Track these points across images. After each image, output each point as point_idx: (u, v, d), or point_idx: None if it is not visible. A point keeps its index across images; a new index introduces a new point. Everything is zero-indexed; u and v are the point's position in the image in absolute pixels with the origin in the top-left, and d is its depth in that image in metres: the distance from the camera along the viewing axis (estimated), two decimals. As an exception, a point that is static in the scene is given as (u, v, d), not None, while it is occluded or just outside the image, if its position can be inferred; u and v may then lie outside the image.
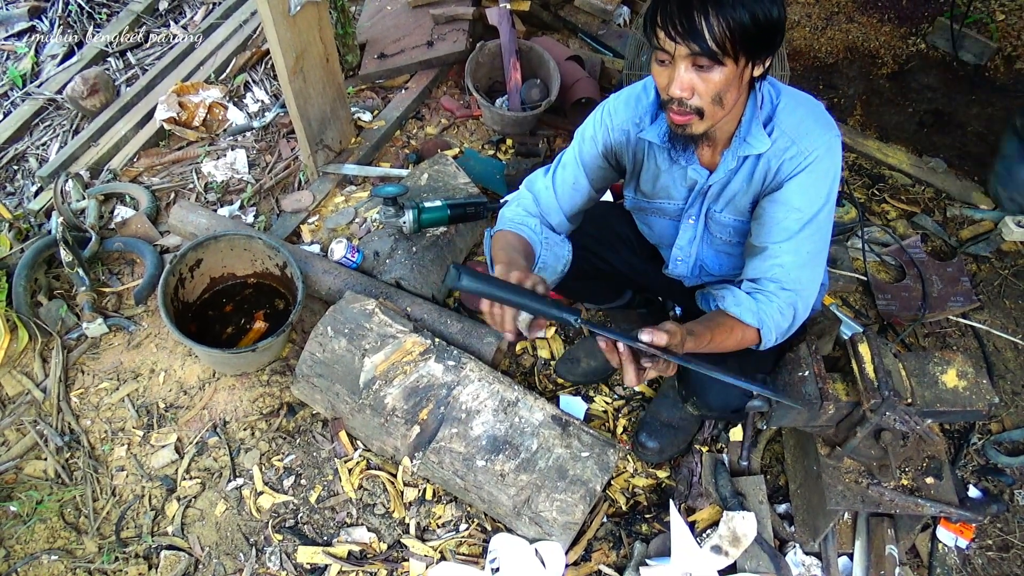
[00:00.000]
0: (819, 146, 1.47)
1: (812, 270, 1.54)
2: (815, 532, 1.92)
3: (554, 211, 1.74)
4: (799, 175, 1.48)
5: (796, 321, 1.56)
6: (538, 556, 1.90)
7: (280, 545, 1.98)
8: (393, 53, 3.19)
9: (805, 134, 1.47)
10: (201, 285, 2.36)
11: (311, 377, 2.07)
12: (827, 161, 1.48)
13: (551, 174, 1.74)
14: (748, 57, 1.35)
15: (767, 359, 1.76)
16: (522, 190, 1.77)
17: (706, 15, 1.28)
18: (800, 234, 1.50)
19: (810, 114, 1.50)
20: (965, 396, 1.64)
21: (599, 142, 1.70)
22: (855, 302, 2.57)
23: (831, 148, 1.49)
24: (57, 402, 2.23)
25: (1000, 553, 2.02)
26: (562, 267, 1.77)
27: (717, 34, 1.29)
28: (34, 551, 1.97)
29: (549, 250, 1.72)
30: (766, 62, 1.40)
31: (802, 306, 1.55)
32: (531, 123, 2.96)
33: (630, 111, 1.65)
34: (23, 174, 2.96)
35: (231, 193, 2.81)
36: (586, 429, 1.97)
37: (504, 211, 1.74)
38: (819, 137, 1.48)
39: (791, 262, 1.51)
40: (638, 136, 1.65)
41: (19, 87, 3.25)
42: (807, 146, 1.47)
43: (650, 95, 1.64)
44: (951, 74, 3.37)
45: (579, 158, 1.72)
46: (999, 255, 2.70)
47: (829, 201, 1.51)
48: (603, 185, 1.77)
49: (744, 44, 1.32)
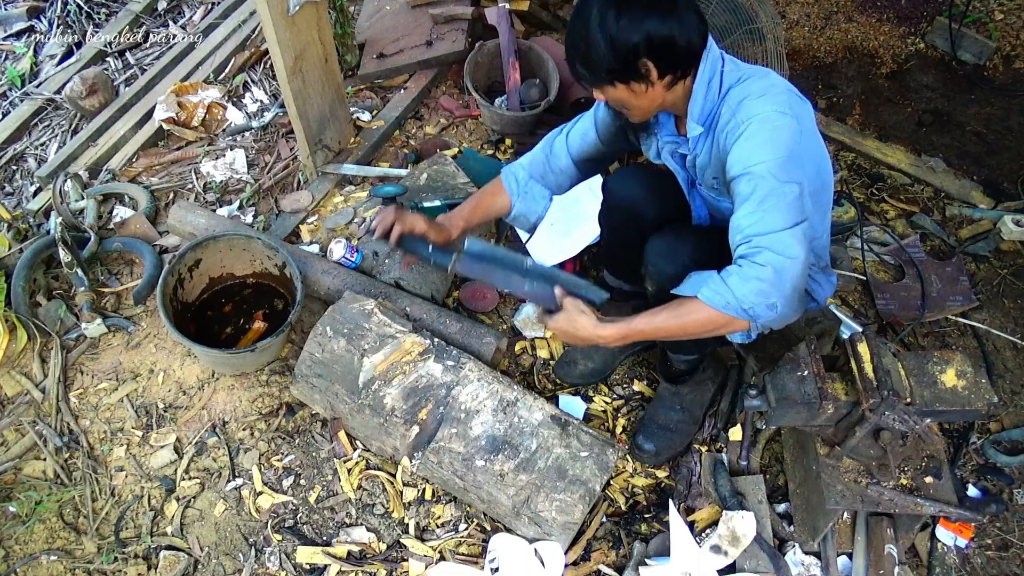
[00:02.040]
0: (755, 113, 1.50)
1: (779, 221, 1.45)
2: (814, 532, 1.92)
3: (562, 154, 1.95)
4: (739, 140, 1.51)
5: (783, 281, 1.45)
6: (537, 556, 1.90)
7: (279, 545, 1.98)
8: (392, 53, 3.19)
9: (743, 107, 1.53)
10: (200, 285, 2.36)
11: (310, 377, 2.07)
12: (762, 124, 1.49)
13: (570, 124, 1.95)
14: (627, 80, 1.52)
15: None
16: (536, 145, 2.01)
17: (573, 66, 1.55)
18: (758, 195, 1.46)
19: (757, 90, 1.54)
20: (964, 395, 1.64)
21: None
22: (854, 302, 2.57)
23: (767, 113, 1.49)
24: (56, 402, 2.23)
25: (999, 552, 2.02)
26: (535, 219, 2.03)
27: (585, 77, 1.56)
28: (33, 551, 1.97)
29: (524, 201, 2.00)
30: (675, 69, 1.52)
31: (780, 262, 1.44)
32: (530, 123, 2.96)
33: None
34: (22, 174, 2.96)
35: (230, 193, 2.81)
36: (585, 429, 1.97)
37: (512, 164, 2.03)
38: (757, 106, 1.51)
39: (750, 224, 1.47)
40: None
41: (18, 87, 3.25)
42: (743, 116, 1.52)
43: None
44: (950, 73, 3.37)
45: (595, 111, 1.89)
46: (998, 254, 2.70)
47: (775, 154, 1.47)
48: (611, 140, 1.90)
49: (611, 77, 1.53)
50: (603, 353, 2.31)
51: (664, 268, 1.75)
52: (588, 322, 1.65)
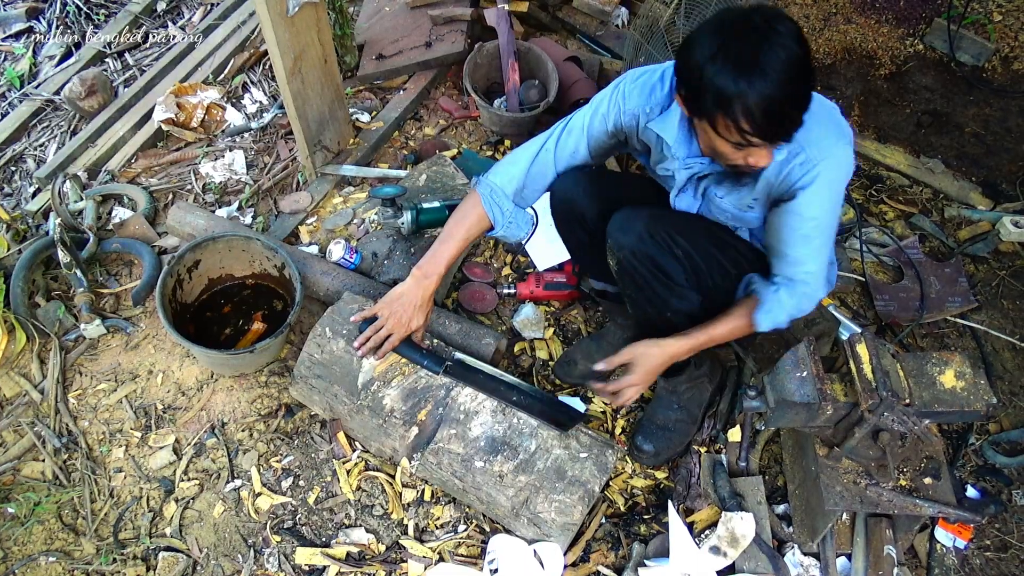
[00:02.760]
0: (827, 154, 1.55)
1: (825, 258, 1.72)
2: (813, 533, 1.92)
3: (548, 172, 1.89)
4: (811, 186, 1.57)
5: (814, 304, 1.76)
6: (537, 557, 1.90)
7: (278, 546, 1.97)
8: (391, 54, 3.19)
9: (814, 142, 1.55)
10: (199, 286, 2.36)
11: (309, 378, 2.07)
12: (835, 168, 1.57)
13: (555, 137, 1.86)
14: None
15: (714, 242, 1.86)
16: (521, 152, 1.89)
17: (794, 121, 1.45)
18: (817, 239, 1.66)
19: (820, 122, 1.55)
20: (963, 396, 1.64)
21: (609, 120, 1.81)
22: (853, 303, 2.57)
23: (838, 154, 1.57)
24: (55, 403, 2.23)
25: (998, 553, 2.02)
26: (524, 234, 1.97)
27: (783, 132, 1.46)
28: (32, 553, 1.97)
29: (509, 229, 1.93)
30: None
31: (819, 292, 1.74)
32: (529, 124, 2.96)
33: (643, 99, 1.74)
34: (21, 175, 2.96)
35: (229, 194, 2.81)
36: (584, 430, 1.97)
37: (494, 174, 1.89)
38: (828, 145, 1.56)
39: (815, 265, 1.69)
40: (646, 124, 1.74)
41: (17, 88, 3.25)
42: (815, 154, 1.55)
43: (665, 87, 1.71)
44: (949, 75, 3.38)
45: (587, 129, 1.83)
46: (997, 256, 2.70)
47: (838, 202, 1.67)
48: (602, 155, 1.90)
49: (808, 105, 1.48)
50: (603, 353, 2.31)
51: (620, 240, 1.78)
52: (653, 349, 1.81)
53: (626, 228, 1.77)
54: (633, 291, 1.85)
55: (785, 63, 1.36)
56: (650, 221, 1.75)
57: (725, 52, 1.38)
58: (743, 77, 1.37)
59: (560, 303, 2.54)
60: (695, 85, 1.44)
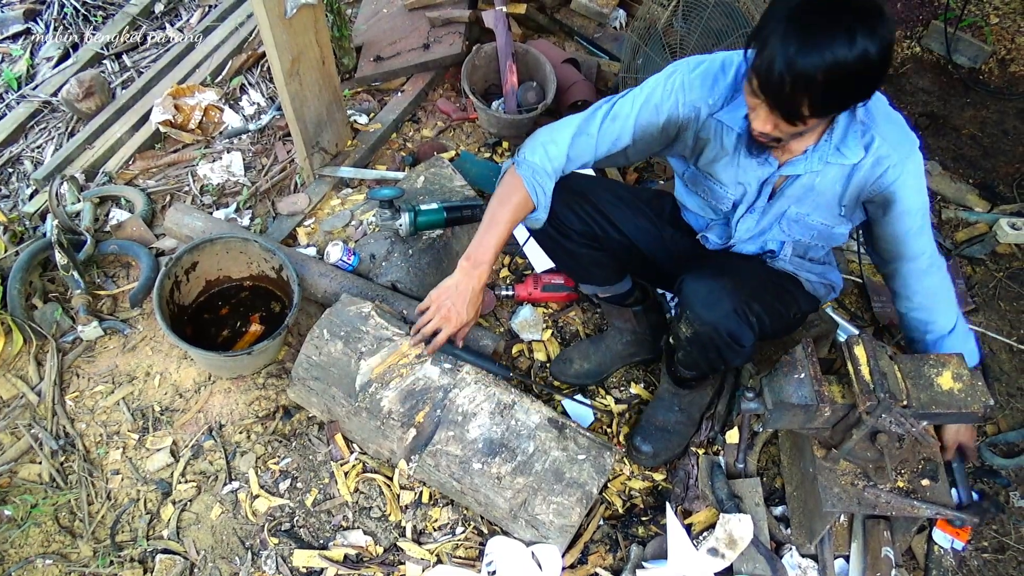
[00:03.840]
0: (911, 150, 1.62)
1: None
2: (811, 534, 1.92)
3: (587, 156, 1.76)
4: (907, 180, 1.62)
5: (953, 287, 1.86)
6: (535, 559, 1.89)
7: (276, 548, 1.97)
8: (389, 56, 3.19)
9: (899, 143, 1.61)
10: (197, 288, 2.36)
11: (307, 380, 2.07)
12: (918, 162, 1.65)
13: (598, 122, 1.72)
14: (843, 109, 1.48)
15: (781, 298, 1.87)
16: (559, 132, 1.75)
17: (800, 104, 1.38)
18: (926, 224, 1.72)
19: (896, 123, 1.63)
20: (960, 398, 1.64)
21: (663, 112, 1.69)
22: (851, 304, 2.58)
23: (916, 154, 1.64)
24: (52, 405, 2.22)
25: (996, 555, 2.02)
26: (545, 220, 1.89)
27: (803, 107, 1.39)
28: (28, 555, 1.96)
29: (546, 212, 1.81)
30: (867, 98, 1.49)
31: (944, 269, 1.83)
32: (527, 126, 2.96)
33: (706, 90, 1.65)
34: (18, 177, 2.96)
35: (227, 196, 2.81)
36: (583, 432, 1.97)
37: (532, 153, 1.76)
38: (908, 142, 1.62)
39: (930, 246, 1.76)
40: (709, 115, 1.67)
41: (14, 89, 3.25)
42: (904, 153, 1.61)
43: (728, 76, 1.64)
44: (946, 77, 3.39)
45: (635, 119, 1.70)
46: (994, 257, 2.70)
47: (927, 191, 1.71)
48: (642, 148, 1.77)
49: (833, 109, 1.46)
50: (600, 355, 2.31)
51: (705, 316, 1.72)
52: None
53: (712, 304, 1.70)
54: (698, 353, 1.83)
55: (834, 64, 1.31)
56: (735, 295, 1.70)
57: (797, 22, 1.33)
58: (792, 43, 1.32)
59: (558, 305, 2.54)
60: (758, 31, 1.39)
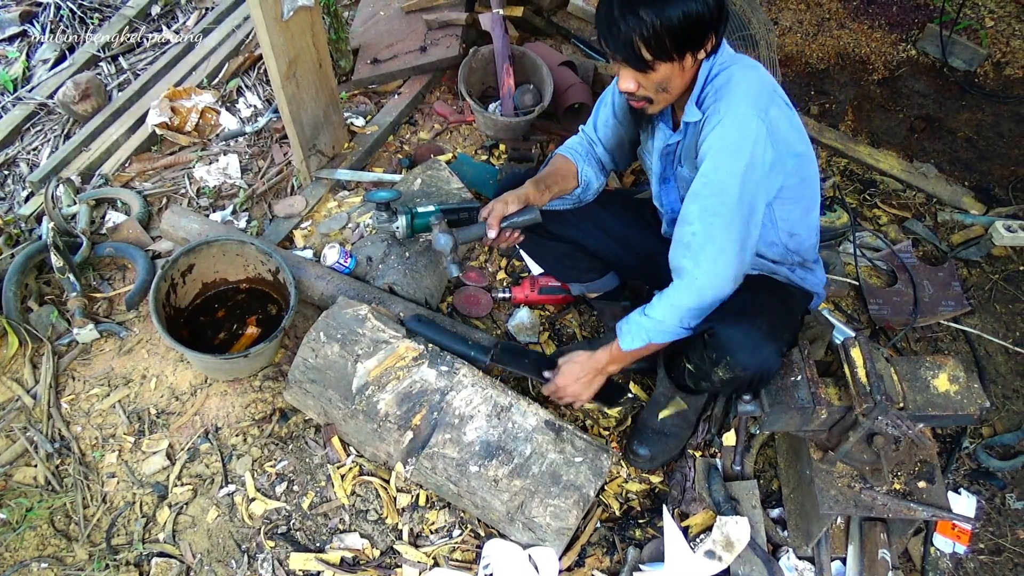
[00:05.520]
0: (732, 112, 1.54)
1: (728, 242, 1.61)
2: (808, 537, 1.92)
3: (596, 144, 2.04)
4: (712, 141, 1.59)
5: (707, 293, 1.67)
6: (532, 562, 1.89)
7: (272, 552, 1.97)
8: (386, 58, 3.19)
9: (725, 102, 1.56)
10: (193, 290, 2.35)
11: (304, 383, 2.07)
12: (734, 127, 1.54)
13: (595, 111, 2.03)
14: (681, 54, 1.52)
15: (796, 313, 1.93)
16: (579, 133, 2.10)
17: (630, 37, 1.48)
18: (706, 193, 1.60)
19: (739, 87, 1.56)
20: (956, 400, 1.65)
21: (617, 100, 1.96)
22: (847, 307, 2.58)
23: (743, 117, 1.54)
24: (47, 408, 2.22)
25: (992, 557, 2.03)
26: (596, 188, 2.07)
27: (642, 50, 1.49)
28: (24, 559, 1.96)
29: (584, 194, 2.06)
30: (707, 47, 1.54)
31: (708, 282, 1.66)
32: (524, 128, 2.97)
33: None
34: (14, 179, 2.95)
35: (223, 198, 2.80)
36: (579, 434, 1.97)
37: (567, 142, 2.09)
38: (736, 105, 1.54)
39: (700, 227, 1.61)
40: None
41: (10, 92, 3.24)
42: (722, 110, 1.56)
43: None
44: (941, 80, 3.40)
45: (611, 98, 1.98)
46: (990, 260, 2.71)
47: (738, 167, 1.56)
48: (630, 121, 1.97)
49: (670, 50, 1.51)
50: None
51: (747, 362, 1.67)
52: (584, 358, 1.94)
53: (754, 350, 1.65)
54: (730, 388, 1.83)
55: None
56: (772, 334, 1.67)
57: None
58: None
59: (555, 307, 2.54)
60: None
